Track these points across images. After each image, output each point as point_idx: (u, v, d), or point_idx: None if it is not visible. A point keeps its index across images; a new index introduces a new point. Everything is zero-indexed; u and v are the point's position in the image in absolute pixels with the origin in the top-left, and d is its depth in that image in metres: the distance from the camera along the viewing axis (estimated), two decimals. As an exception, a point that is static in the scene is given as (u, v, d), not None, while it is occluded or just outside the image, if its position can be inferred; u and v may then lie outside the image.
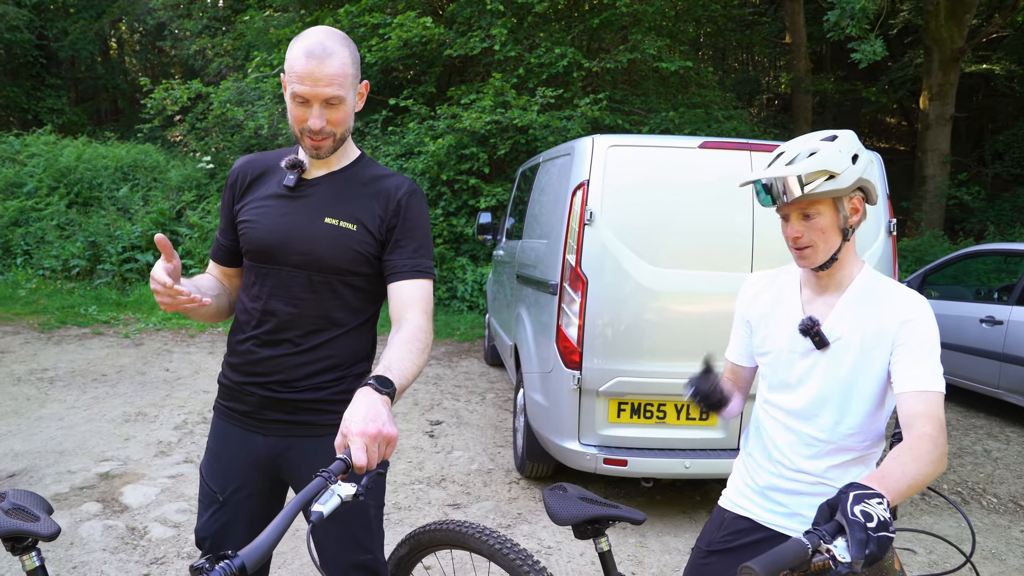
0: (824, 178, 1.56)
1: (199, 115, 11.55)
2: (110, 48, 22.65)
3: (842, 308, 1.67)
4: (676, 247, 3.80)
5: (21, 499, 1.44)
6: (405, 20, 10.35)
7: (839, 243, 1.64)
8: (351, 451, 1.29)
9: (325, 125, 1.68)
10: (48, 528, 1.36)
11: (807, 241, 1.63)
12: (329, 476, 1.23)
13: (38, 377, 6.29)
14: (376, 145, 11.10)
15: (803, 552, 1.10)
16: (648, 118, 11.01)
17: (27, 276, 9.80)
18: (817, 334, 1.66)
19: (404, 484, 4.41)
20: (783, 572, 1.07)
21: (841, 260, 1.67)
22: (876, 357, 1.62)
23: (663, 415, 3.81)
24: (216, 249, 1.92)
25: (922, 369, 1.52)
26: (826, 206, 1.61)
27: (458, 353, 8.21)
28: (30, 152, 11.95)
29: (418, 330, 1.67)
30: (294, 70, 1.63)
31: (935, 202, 13.27)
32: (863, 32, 8.97)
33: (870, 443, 1.67)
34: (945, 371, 5.82)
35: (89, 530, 3.61)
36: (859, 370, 1.63)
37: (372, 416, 1.34)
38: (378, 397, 1.41)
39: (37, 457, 4.51)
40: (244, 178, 1.85)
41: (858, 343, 1.63)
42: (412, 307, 1.72)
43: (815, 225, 1.61)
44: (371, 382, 1.45)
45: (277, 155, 1.87)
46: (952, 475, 4.95)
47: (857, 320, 1.64)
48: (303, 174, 1.80)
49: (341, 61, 1.65)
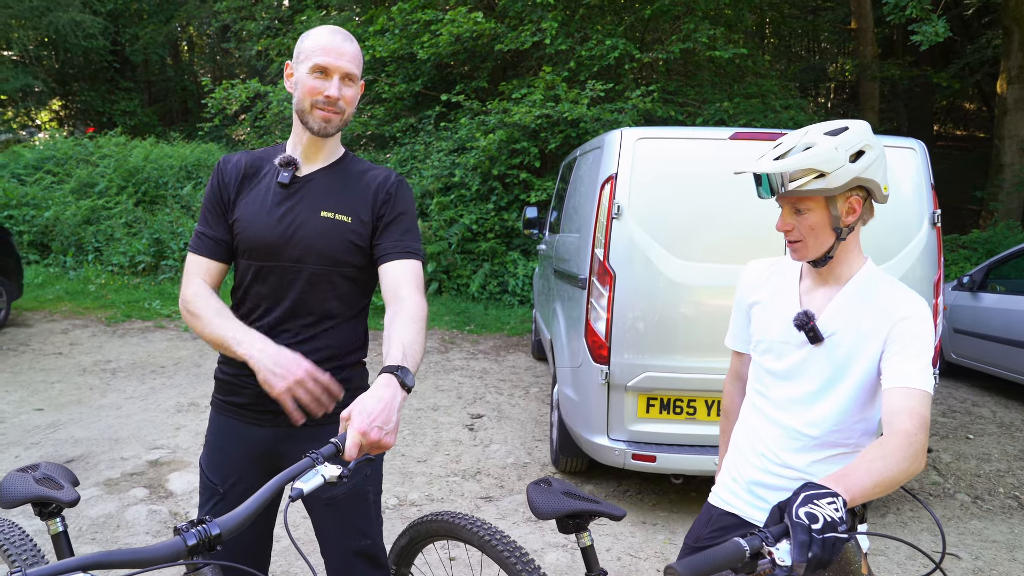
0: (812, 176, 1.51)
1: (259, 114, 11.88)
2: (180, 51, 23.51)
3: (839, 303, 1.63)
4: (705, 240, 3.73)
5: (51, 471, 1.61)
6: (456, 16, 10.41)
7: (831, 242, 1.59)
8: (347, 438, 1.34)
9: (340, 97, 1.78)
10: (69, 496, 1.51)
11: (796, 236, 1.60)
12: (317, 457, 1.28)
13: (102, 368, 6.60)
14: (429, 141, 11.22)
15: (739, 554, 1.07)
16: (702, 109, 10.80)
17: (97, 272, 10.28)
18: (812, 329, 1.62)
19: (440, 476, 4.46)
20: (720, 574, 1.04)
21: (839, 257, 1.63)
22: (867, 354, 1.58)
23: (693, 411, 3.75)
24: (204, 244, 1.86)
25: (910, 367, 1.48)
26: (816, 203, 1.56)
27: (506, 347, 8.24)
28: (102, 153, 12.51)
29: (418, 308, 1.71)
30: (318, 44, 1.76)
31: (1012, 191, 12.63)
32: (924, 13, 8.59)
33: (857, 440, 1.63)
34: (1009, 368, 5.53)
35: (135, 514, 3.77)
36: (850, 367, 1.59)
37: (382, 420, 1.39)
38: (399, 396, 1.46)
39: (94, 444, 4.74)
40: (235, 177, 1.88)
41: (851, 340, 1.59)
42: (406, 284, 1.76)
43: (804, 221, 1.58)
44: (399, 374, 1.49)
45: (264, 154, 1.92)
46: (1010, 478, 4.72)
47: (853, 317, 1.60)
48: (296, 171, 1.85)
49: (357, 48, 1.82)
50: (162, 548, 1.09)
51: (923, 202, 3.78)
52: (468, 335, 8.80)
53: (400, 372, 1.50)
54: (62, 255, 10.77)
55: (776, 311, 1.72)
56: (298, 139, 1.86)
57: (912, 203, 3.76)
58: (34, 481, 1.52)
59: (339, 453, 1.34)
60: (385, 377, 1.48)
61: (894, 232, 3.70)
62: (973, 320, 6.70)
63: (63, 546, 1.53)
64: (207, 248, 1.87)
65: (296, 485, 1.23)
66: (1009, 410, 6.28)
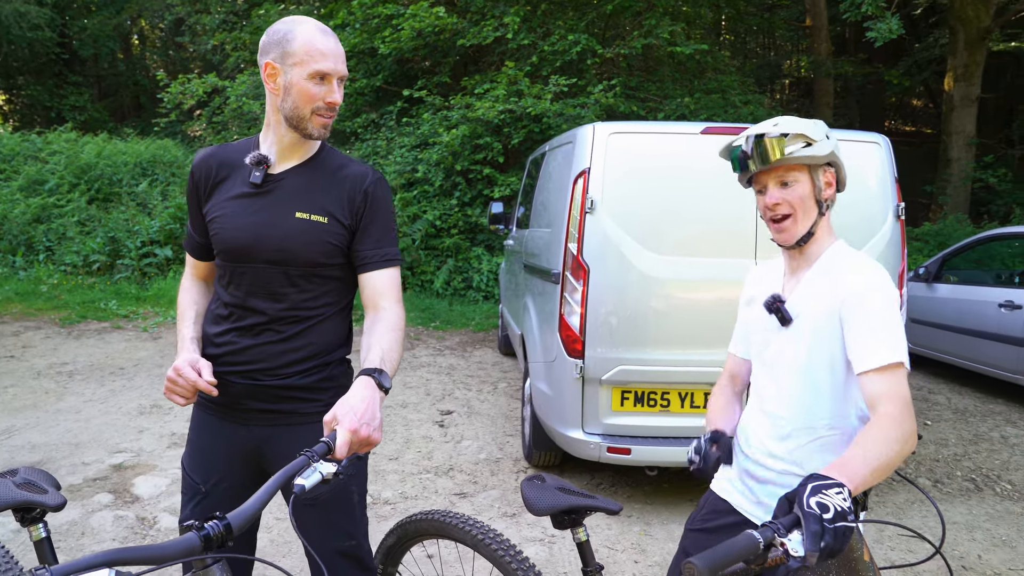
0: (802, 143, 1.57)
1: (216, 109, 11.64)
2: (131, 45, 22.90)
3: (804, 284, 1.65)
4: (678, 234, 3.76)
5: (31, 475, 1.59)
6: (418, 10, 10.33)
7: (815, 215, 1.63)
8: (337, 437, 1.39)
9: (339, 101, 1.75)
10: (55, 500, 1.49)
11: (786, 209, 1.62)
12: (312, 455, 1.32)
13: (57, 371, 6.41)
14: (391, 136, 11.12)
15: (753, 547, 1.08)
16: (663, 104, 10.90)
17: (49, 272, 9.97)
18: (779, 311, 1.65)
19: (412, 474, 4.43)
20: (735, 566, 1.05)
21: (816, 235, 1.65)
22: (827, 334, 1.58)
23: (667, 403, 3.79)
24: (191, 244, 1.93)
25: (875, 344, 1.46)
26: (803, 173, 1.61)
27: (472, 343, 8.22)
28: (52, 150, 12.12)
29: (398, 318, 1.77)
30: (314, 47, 1.68)
31: (960, 185, 13.02)
32: (879, 11, 8.80)
33: (835, 426, 1.62)
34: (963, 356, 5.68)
35: (100, 520, 3.67)
36: (815, 349, 1.60)
37: (368, 418, 1.47)
38: (378, 396, 1.54)
39: (53, 449, 4.59)
40: (208, 176, 1.84)
41: (812, 320, 1.60)
42: (386, 295, 1.79)
43: (793, 193, 1.61)
44: (376, 376, 1.58)
45: (238, 148, 1.86)
46: (967, 461, 4.87)
47: (815, 297, 1.61)
48: (268, 169, 1.79)
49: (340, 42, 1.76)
50: (178, 544, 1.09)
51: (888, 195, 3.87)
52: (434, 331, 8.77)
53: (377, 374, 1.59)
54: (11, 255, 10.42)
55: (760, 304, 1.75)
56: (276, 137, 1.79)
57: (877, 196, 3.85)
58: (15, 486, 1.47)
59: (330, 452, 1.38)
60: (363, 379, 1.56)
61: (860, 225, 3.78)
62: (928, 310, 6.89)
63: (46, 552, 1.48)
64: (192, 248, 1.91)
65: (298, 481, 1.27)
66: (963, 396, 6.48)
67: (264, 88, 1.82)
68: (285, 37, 1.70)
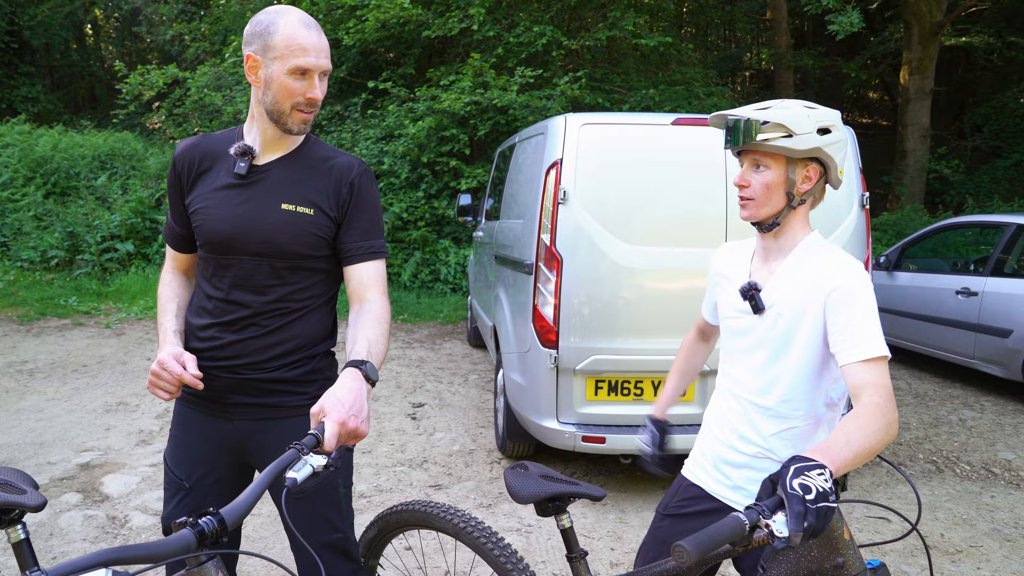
0: (781, 134, 1.58)
1: (176, 101, 11.41)
2: (85, 34, 22.29)
3: (780, 275, 1.68)
4: (650, 224, 3.80)
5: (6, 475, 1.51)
6: (383, 1, 10.23)
7: (782, 207, 1.65)
8: (325, 429, 1.38)
9: (320, 96, 1.72)
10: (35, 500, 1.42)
11: (750, 192, 1.65)
12: (302, 448, 1.31)
13: (17, 370, 6.25)
14: (356, 128, 11.02)
15: (739, 529, 1.12)
16: (628, 96, 10.97)
17: (5, 268, 9.70)
18: (753, 298, 1.68)
19: (386, 467, 4.43)
20: (721, 548, 1.08)
21: (785, 226, 1.68)
22: (806, 325, 1.62)
23: (640, 392, 3.84)
24: (172, 236, 1.91)
25: (861, 337, 1.51)
26: (776, 163, 1.62)
27: (441, 335, 8.22)
28: (4, 142, 11.74)
29: (383, 311, 1.75)
30: (295, 41, 1.64)
31: (915, 176, 13.33)
32: (840, 4, 8.95)
33: (810, 414, 1.66)
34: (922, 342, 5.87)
35: (69, 520, 3.60)
36: (791, 337, 1.64)
37: (356, 409, 1.46)
38: (365, 387, 1.53)
39: (16, 449, 4.49)
40: (191, 166, 1.82)
41: (789, 310, 1.64)
42: (372, 288, 1.78)
43: (762, 178, 1.63)
44: (363, 368, 1.56)
45: (222, 139, 1.84)
46: (928, 444, 5.02)
47: (791, 287, 1.65)
48: (253, 160, 1.78)
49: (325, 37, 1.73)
50: (173, 541, 1.08)
51: (853, 185, 3.96)
52: (402, 324, 8.74)
53: (365, 366, 1.57)
54: (-36, 251, 10.12)
55: (731, 288, 1.79)
56: (260, 129, 1.77)
57: (843, 186, 3.94)
58: None
59: (319, 444, 1.37)
60: (351, 371, 1.54)
61: (826, 214, 3.86)
62: (888, 297, 7.07)
63: (26, 554, 1.44)
64: (173, 240, 1.88)
65: (289, 475, 1.26)
66: (923, 381, 6.66)
67: (225, 80, 1.79)
68: (267, 29, 1.66)
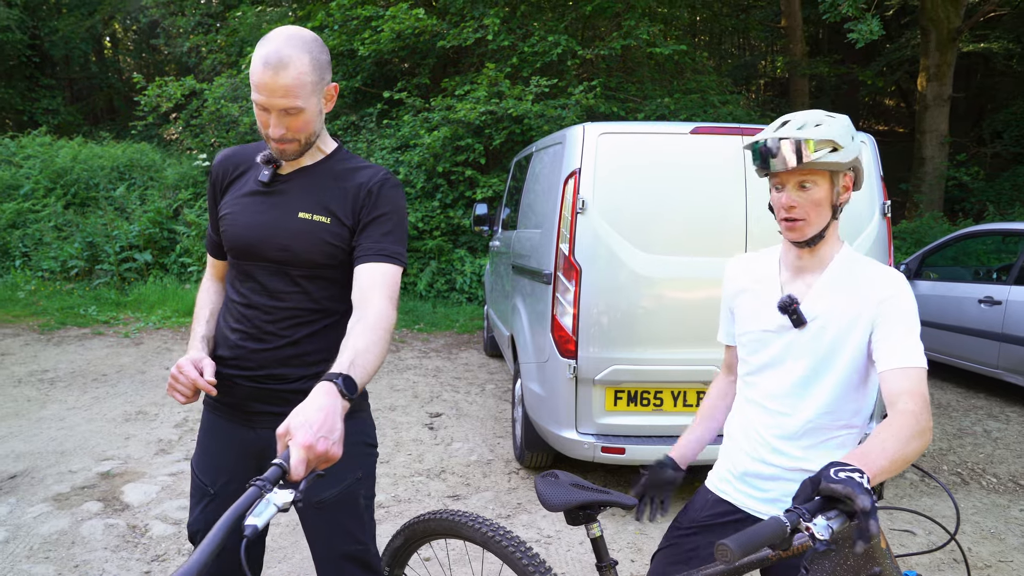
0: (829, 149, 1.56)
1: (194, 112, 11.51)
2: (104, 47, 22.58)
3: (821, 288, 1.66)
4: (670, 234, 3.79)
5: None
6: (397, 12, 10.30)
7: (829, 219, 1.64)
8: (291, 456, 1.21)
9: (285, 132, 1.65)
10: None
11: (801, 213, 1.62)
12: (264, 485, 1.15)
13: (38, 378, 6.30)
14: (371, 139, 11.07)
15: (781, 530, 1.11)
16: (643, 105, 10.97)
17: (26, 278, 9.81)
18: (795, 312, 1.66)
19: (404, 477, 4.42)
20: (760, 552, 1.07)
21: (826, 238, 1.66)
22: (854, 337, 1.61)
23: (660, 402, 3.81)
24: (209, 243, 1.97)
25: (903, 346, 1.52)
26: (823, 178, 1.60)
27: (457, 345, 8.21)
28: (26, 154, 11.91)
29: (381, 315, 1.59)
30: (253, 78, 1.61)
31: (934, 183, 13.22)
32: (859, 12, 8.91)
33: (848, 424, 1.66)
34: (944, 352, 5.81)
35: (90, 529, 3.62)
36: (837, 350, 1.63)
37: (326, 430, 1.28)
38: (339, 404, 1.35)
39: (38, 458, 4.52)
40: (224, 174, 1.86)
41: (836, 323, 1.63)
42: (375, 289, 1.65)
43: (811, 196, 1.61)
44: (338, 382, 1.38)
45: (256, 148, 1.86)
46: (952, 456, 4.95)
47: (835, 300, 1.64)
48: (278, 169, 1.79)
49: (298, 71, 1.58)
50: None
51: (874, 193, 3.93)
52: (418, 334, 8.74)
53: (340, 380, 1.38)
54: (-14, 261, 10.25)
55: (758, 301, 1.76)
56: None
57: (864, 194, 3.90)
58: None
59: (285, 475, 1.20)
60: (324, 385, 1.37)
61: (848, 222, 3.83)
62: (909, 307, 6.98)
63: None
64: (210, 246, 1.95)
65: (249, 522, 1.10)
66: (945, 392, 6.58)
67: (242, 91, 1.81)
68: (254, 53, 1.65)
